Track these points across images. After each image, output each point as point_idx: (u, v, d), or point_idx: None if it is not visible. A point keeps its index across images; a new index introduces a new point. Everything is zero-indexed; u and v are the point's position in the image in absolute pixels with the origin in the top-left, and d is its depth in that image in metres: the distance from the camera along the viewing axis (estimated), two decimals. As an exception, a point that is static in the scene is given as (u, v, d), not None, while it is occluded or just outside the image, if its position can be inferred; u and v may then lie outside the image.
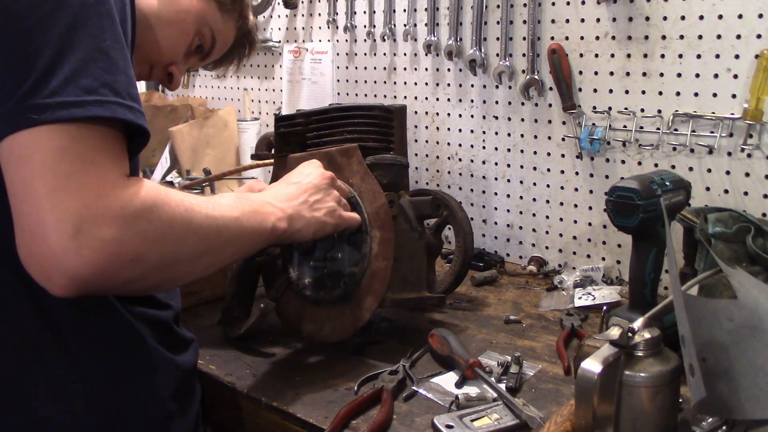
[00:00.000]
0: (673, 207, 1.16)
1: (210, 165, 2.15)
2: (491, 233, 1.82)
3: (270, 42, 2.30)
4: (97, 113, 0.74)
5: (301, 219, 1.04)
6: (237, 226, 0.90)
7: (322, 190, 1.09)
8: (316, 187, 1.09)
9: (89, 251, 0.71)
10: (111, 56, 0.77)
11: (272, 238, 0.99)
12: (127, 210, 0.74)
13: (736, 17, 1.35)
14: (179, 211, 0.81)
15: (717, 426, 0.88)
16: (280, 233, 1.00)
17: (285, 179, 1.12)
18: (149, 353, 0.94)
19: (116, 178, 0.75)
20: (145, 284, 0.80)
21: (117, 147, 0.77)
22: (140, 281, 0.78)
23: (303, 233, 1.05)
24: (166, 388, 0.96)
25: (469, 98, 1.80)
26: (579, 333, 1.29)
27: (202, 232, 0.84)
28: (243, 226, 0.92)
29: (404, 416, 1.01)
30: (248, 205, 0.95)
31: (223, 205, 0.90)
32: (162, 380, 0.95)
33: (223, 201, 0.92)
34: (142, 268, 0.77)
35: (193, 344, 1.06)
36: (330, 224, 1.09)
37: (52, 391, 0.86)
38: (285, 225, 1.00)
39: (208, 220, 0.85)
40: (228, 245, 0.90)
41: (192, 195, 0.87)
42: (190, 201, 0.84)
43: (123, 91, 0.77)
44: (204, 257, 0.86)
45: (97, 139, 0.75)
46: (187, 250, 0.82)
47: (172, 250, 0.80)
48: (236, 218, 0.90)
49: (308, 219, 1.05)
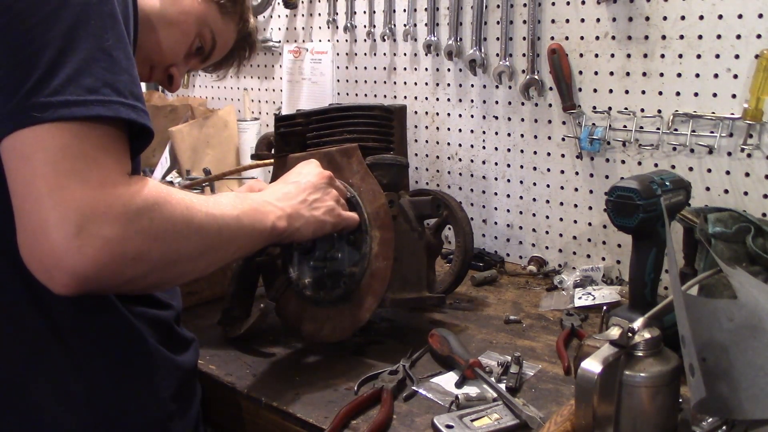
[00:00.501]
0: (673, 207, 1.16)
1: (210, 165, 2.15)
2: (491, 233, 1.82)
3: (270, 42, 2.30)
4: (100, 112, 0.74)
5: (301, 218, 1.04)
6: (237, 225, 0.91)
7: (320, 189, 1.10)
8: (315, 186, 1.09)
9: (92, 249, 0.71)
10: (113, 56, 0.77)
11: (272, 237, 0.99)
12: (130, 208, 0.74)
13: (736, 17, 1.35)
14: (180, 209, 0.81)
15: (717, 426, 0.88)
16: (280, 232, 1.00)
17: (283, 179, 1.12)
18: (150, 353, 0.94)
19: (118, 177, 0.75)
20: (146, 282, 0.80)
21: (119, 146, 0.77)
22: (142, 279, 0.78)
23: (302, 232, 1.05)
24: (166, 388, 0.96)
25: (469, 98, 1.80)
26: (579, 333, 1.29)
27: (204, 230, 0.84)
28: (243, 224, 0.92)
29: (404, 416, 1.01)
30: (248, 204, 0.96)
31: (223, 203, 0.90)
32: (162, 380, 0.95)
33: (223, 200, 0.92)
34: (144, 266, 0.77)
35: (193, 344, 1.06)
36: (329, 223, 1.10)
37: (53, 390, 0.86)
38: (284, 224, 1.00)
39: (209, 219, 0.85)
40: (229, 244, 0.90)
41: (193, 194, 0.87)
42: (191, 200, 0.84)
43: (125, 91, 0.77)
44: (205, 255, 0.86)
45: (100, 137, 0.75)
46: (188, 249, 0.82)
47: (174, 248, 0.80)
48: (236, 217, 0.91)
49: (307, 218, 1.05)
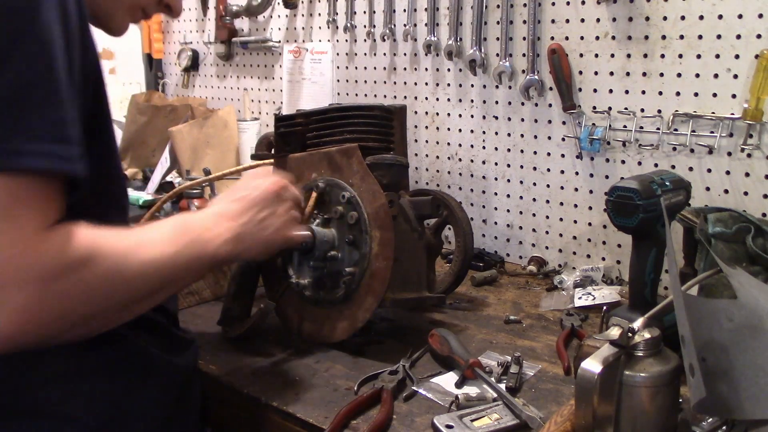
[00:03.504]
0: (673, 207, 1.16)
1: (210, 165, 2.14)
2: (491, 233, 1.82)
3: (270, 42, 2.30)
4: (12, 165, 0.68)
5: (247, 239, 0.96)
6: (173, 265, 0.84)
7: (270, 203, 1.00)
8: (264, 200, 1.00)
9: (5, 317, 0.67)
10: (33, 98, 0.70)
11: (214, 264, 0.93)
12: (47, 269, 0.69)
13: (736, 17, 1.35)
14: (109, 263, 0.75)
15: (717, 426, 0.88)
16: (224, 257, 0.93)
17: (232, 192, 1.02)
18: (148, 356, 0.94)
19: (37, 233, 0.69)
20: (79, 333, 0.76)
21: (43, 194, 0.71)
22: (71, 332, 0.75)
23: (249, 254, 0.98)
24: (165, 390, 0.96)
25: (469, 98, 1.80)
26: (579, 333, 1.29)
27: (137, 279, 0.79)
28: (179, 263, 0.85)
29: (404, 416, 1.01)
30: (188, 235, 0.88)
31: (159, 241, 0.83)
32: (161, 382, 0.95)
33: (160, 236, 0.85)
34: (71, 322, 0.73)
35: (193, 345, 1.06)
36: (278, 243, 1.03)
37: (53, 392, 0.86)
38: (229, 248, 0.92)
39: (144, 266, 0.79)
40: (169, 284, 0.85)
41: (129, 235, 0.81)
42: (126, 246, 0.78)
43: (48, 134, 0.70)
44: (143, 301, 0.82)
45: (17, 189, 0.68)
46: (121, 299, 0.78)
47: (102, 304, 0.76)
48: (173, 255, 0.84)
49: (254, 239, 0.97)
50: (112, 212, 0.91)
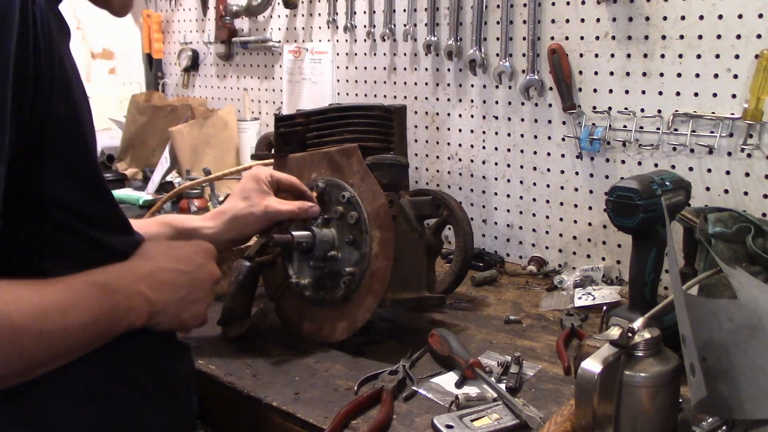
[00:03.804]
0: (673, 207, 1.16)
1: (210, 165, 2.15)
2: (491, 233, 1.82)
3: (270, 42, 2.30)
4: None
5: (165, 316, 0.91)
6: (80, 335, 0.79)
7: (202, 289, 0.97)
8: (201, 284, 0.96)
9: None
10: None
11: (119, 331, 0.87)
12: None
13: (736, 17, 1.35)
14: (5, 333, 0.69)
15: (717, 426, 0.88)
16: (132, 327, 0.87)
17: (178, 256, 0.96)
18: (143, 363, 0.93)
19: None
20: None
21: None
22: None
23: (158, 326, 0.92)
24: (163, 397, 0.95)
25: (469, 98, 1.80)
26: (579, 333, 1.29)
27: (29, 353, 0.72)
28: (89, 334, 0.80)
29: (404, 416, 1.01)
30: (110, 302, 0.83)
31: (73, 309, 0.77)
32: (157, 390, 0.95)
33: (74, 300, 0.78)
34: None
35: (188, 353, 1.05)
36: (187, 325, 0.98)
37: (53, 394, 0.86)
38: (143, 321, 0.88)
39: (41, 338, 0.73)
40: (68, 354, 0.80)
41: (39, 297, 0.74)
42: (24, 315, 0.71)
43: None
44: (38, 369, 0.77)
45: None
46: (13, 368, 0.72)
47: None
48: (84, 325, 0.78)
49: (172, 317, 0.93)
50: (115, 236, 0.91)
